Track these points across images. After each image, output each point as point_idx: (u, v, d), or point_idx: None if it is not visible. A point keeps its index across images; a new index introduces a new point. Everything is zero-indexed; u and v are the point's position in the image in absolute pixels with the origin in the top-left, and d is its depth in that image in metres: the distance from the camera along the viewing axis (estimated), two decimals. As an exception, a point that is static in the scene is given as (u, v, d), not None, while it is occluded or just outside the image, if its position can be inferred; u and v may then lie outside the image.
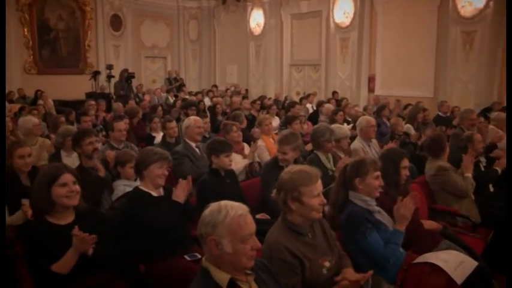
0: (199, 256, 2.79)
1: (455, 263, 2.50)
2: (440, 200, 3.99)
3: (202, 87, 15.70)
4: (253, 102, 9.70)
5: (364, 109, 9.27)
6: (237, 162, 4.53)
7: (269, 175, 3.70)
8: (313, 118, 8.47)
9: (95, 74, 11.99)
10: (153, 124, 6.43)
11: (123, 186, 3.54)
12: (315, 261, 2.25)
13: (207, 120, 6.13)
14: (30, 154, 3.41)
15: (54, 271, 2.22)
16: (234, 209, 1.78)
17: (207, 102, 11.15)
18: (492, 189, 4.33)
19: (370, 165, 2.74)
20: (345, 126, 6.05)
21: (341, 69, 12.84)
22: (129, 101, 10.10)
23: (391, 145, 4.86)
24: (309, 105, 10.82)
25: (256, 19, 14.96)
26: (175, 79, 14.68)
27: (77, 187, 2.42)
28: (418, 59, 11.41)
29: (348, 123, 7.20)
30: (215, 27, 16.98)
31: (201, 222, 1.80)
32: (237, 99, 10.25)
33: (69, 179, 2.39)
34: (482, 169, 4.49)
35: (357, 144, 4.98)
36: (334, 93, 12.19)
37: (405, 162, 3.21)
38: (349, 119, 7.58)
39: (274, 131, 6.06)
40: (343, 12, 12.49)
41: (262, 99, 11.03)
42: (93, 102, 8.44)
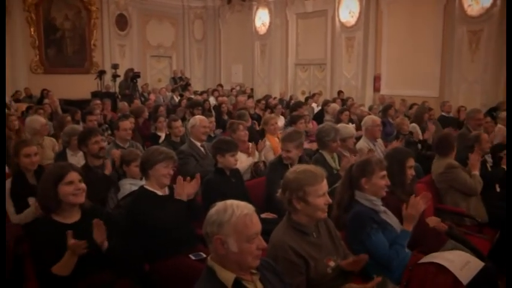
0: (204, 255, 2.79)
1: (461, 263, 2.49)
2: (447, 199, 3.98)
3: (207, 87, 15.71)
4: (258, 101, 9.70)
5: (370, 109, 9.25)
6: (242, 161, 4.54)
7: (274, 174, 3.71)
8: (319, 118, 8.46)
9: (101, 73, 12.02)
10: (159, 123, 6.44)
11: (129, 185, 3.55)
12: (320, 260, 2.25)
13: (212, 119, 6.14)
14: (36, 153, 3.42)
15: (56, 273, 2.22)
16: (240, 208, 1.78)
17: (212, 102, 11.16)
18: (498, 189, 4.31)
19: (376, 164, 2.73)
20: (350, 125, 6.03)
21: (346, 69, 12.80)
22: (135, 100, 10.14)
23: (396, 144, 4.85)
24: (314, 105, 10.80)
25: (262, 18, 14.95)
26: (181, 78, 14.70)
27: (83, 185, 2.43)
28: (423, 59, 11.34)
29: (353, 123, 7.18)
30: (220, 27, 16.99)
31: (207, 221, 1.80)
32: (242, 98, 10.26)
33: (75, 177, 2.41)
34: (489, 169, 4.47)
35: (362, 144, 4.97)
36: (339, 92, 12.17)
37: (411, 161, 3.19)
38: (353, 118, 7.56)
39: (279, 131, 6.05)
40: (348, 12, 12.45)
41: (267, 98, 11.03)
42: (98, 102, 8.46)
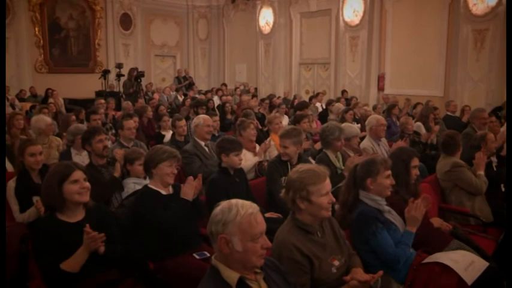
0: (208, 254, 2.80)
1: (466, 263, 2.48)
2: (452, 198, 3.97)
3: (211, 86, 15.72)
4: (262, 100, 9.70)
5: (374, 108, 9.23)
6: (248, 159, 4.55)
7: (273, 171, 3.76)
8: (323, 117, 8.46)
9: (105, 72, 12.05)
10: (163, 123, 6.45)
11: (133, 184, 3.55)
12: (325, 260, 2.25)
13: (216, 118, 6.14)
14: (41, 152, 3.43)
15: (64, 269, 2.23)
16: (244, 207, 1.78)
17: (216, 101, 11.17)
18: (504, 189, 4.29)
19: (380, 164, 2.72)
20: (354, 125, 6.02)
21: (350, 68, 12.78)
22: (139, 100, 10.17)
23: (401, 144, 4.83)
24: (318, 104, 10.80)
25: (266, 18, 14.94)
26: (185, 78, 14.71)
27: (87, 184, 2.44)
28: (428, 58, 11.31)
29: (358, 122, 7.17)
30: (224, 26, 17.00)
31: (212, 220, 1.80)
32: (246, 97, 10.26)
33: (80, 175, 2.41)
34: (494, 169, 4.45)
35: (366, 144, 4.96)
36: (343, 92, 12.15)
37: (415, 161, 3.18)
38: (357, 117, 7.55)
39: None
40: (352, 11, 12.41)
41: (271, 98, 11.03)
42: (102, 101, 8.48)
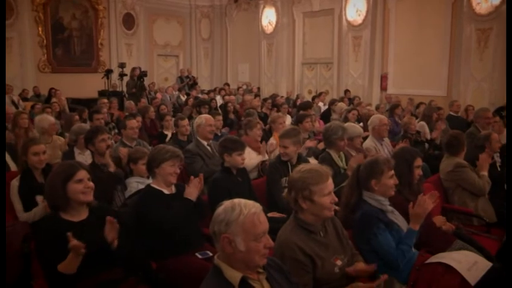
0: (211, 254, 2.80)
1: (469, 263, 2.47)
2: (455, 198, 3.96)
3: (214, 86, 15.73)
4: (265, 100, 9.70)
5: (377, 108, 9.21)
6: (252, 158, 4.56)
7: (274, 172, 3.77)
8: (326, 117, 8.44)
9: (108, 72, 12.06)
10: (165, 122, 6.46)
11: (136, 183, 3.56)
12: (327, 259, 2.25)
13: (219, 118, 6.14)
14: (44, 151, 3.44)
15: (61, 271, 2.22)
16: (247, 207, 1.78)
17: (219, 101, 11.17)
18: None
19: (384, 164, 2.71)
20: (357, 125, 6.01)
21: (353, 68, 12.76)
22: (141, 99, 10.18)
23: (404, 144, 4.82)
24: (321, 104, 10.78)
25: (268, 17, 14.94)
26: (187, 77, 14.73)
27: (91, 183, 2.45)
28: (431, 57, 11.28)
29: (361, 122, 7.15)
30: (227, 26, 17.00)
31: (215, 220, 1.80)
32: (248, 97, 10.26)
33: (84, 175, 2.42)
34: (498, 169, 4.43)
35: (369, 143, 4.95)
36: (346, 91, 12.13)
37: (418, 161, 3.18)
38: (359, 117, 7.53)
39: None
40: (355, 10, 12.40)
41: (274, 97, 11.02)
42: (105, 100, 8.49)
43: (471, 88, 10.27)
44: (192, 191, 2.99)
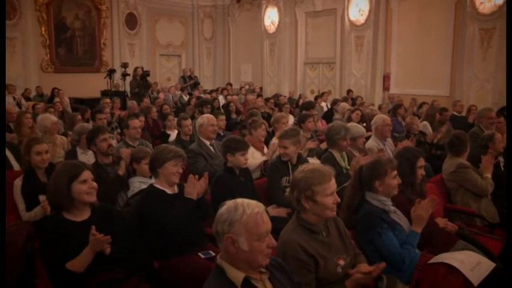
0: (213, 254, 2.80)
1: (472, 263, 2.46)
2: (457, 198, 3.95)
3: (216, 86, 15.73)
4: (267, 100, 9.70)
5: (379, 108, 9.20)
6: (256, 157, 4.56)
7: (274, 172, 3.79)
8: (328, 117, 8.44)
9: (110, 72, 12.07)
10: (168, 122, 6.46)
11: (138, 183, 3.56)
12: (330, 259, 2.25)
13: (223, 118, 6.14)
14: (47, 151, 3.45)
15: (70, 269, 2.23)
16: (250, 207, 1.78)
17: (222, 101, 11.18)
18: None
19: (387, 165, 2.71)
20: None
21: (356, 68, 12.74)
22: (144, 99, 10.19)
23: (407, 144, 4.81)
24: (323, 104, 10.77)
25: (271, 17, 14.93)
26: (190, 77, 14.74)
27: (95, 184, 2.45)
28: (434, 57, 11.25)
29: (364, 122, 7.14)
30: (229, 26, 16.99)
31: (218, 219, 1.80)
32: (251, 97, 10.26)
33: (88, 175, 2.43)
34: (502, 169, 4.42)
35: (372, 144, 4.94)
36: (348, 91, 12.11)
37: (421, 161, 3.18)
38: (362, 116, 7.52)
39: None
40: (358, 10, 12.37)
41: (276, 97, 11.02)
42: (108, 100, 8.50)
43: (474, 88, 10.23)
44: (191, 190, 2.99)
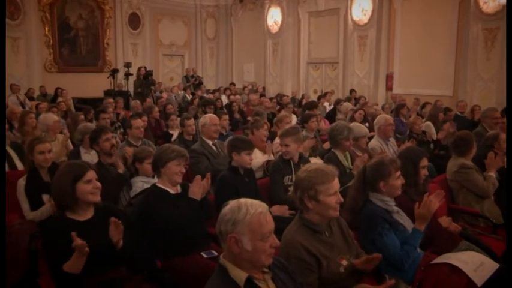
0: (216, 253, 2.80)
1: (475, 264, 2.46)
2: (460, 199, 3.93)
3: (219, 85, 15.74)
4: (270, 99, 9.70)
5: (382, 108, 9.19)
6: (258, 157, 4.56)
7: (275, 172, 3.78)
8: (331, 116, 8.43)
9: (114, 72, 12.11)
10: (171, 122, 6.47)
11: (141, 183, 3.56)
12: (332, 259, 2.24)
13: (226, 117, 6.13)
14: (50, 150, 3.46)
15: (66, 271, 2.23)
16: (254, 206, 1.78)
17: (225, 100, 11.17)
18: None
19: (391, 165, 2.70)
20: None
21: (359, 67, 12.73)
22: (147, 99, 10.20)
23: (410, 144, 4.80)
24: (326, 104, 10.76)
25: (274, 17, 14.93)
26: (193, 77, 14.75)
27: (99, 183, 2.46)
28: (437, 57, 11.22)
29: (367, 122, 7.13)
30: (232, 25, 17.00)
31: (221, 219, 1.80)
32: (254, 97, 10.26)
33: (93, 175, 2.43)
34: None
35: (374, 143, 4.93)
36: (351, 91, 12.11)
37: (424, 161, 3.17)
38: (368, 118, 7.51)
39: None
40: (361, 10, 12.36)
41: (280, 96, 11.01)
42: (111, 100, 8.52)
43: (478, 88, 10.20)
44: (196, 191, 2.99)
